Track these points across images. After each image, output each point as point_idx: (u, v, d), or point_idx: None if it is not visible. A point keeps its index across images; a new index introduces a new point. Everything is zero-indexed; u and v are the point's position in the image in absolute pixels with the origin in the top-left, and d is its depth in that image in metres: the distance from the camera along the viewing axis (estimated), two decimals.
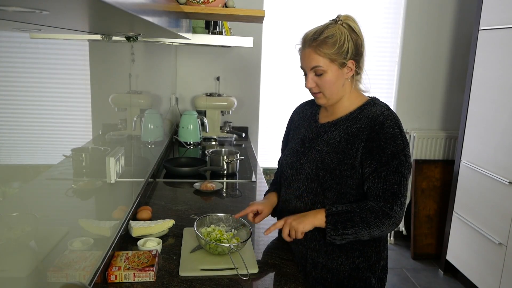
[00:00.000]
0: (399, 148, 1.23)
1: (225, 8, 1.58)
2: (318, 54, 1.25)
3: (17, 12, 0.48)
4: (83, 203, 1.14)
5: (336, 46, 1.24)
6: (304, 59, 1.30)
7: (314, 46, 1.26)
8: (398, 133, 1.25)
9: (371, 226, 1.21)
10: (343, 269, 1.33)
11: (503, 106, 2.45)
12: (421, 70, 3.40)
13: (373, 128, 1.25)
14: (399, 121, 1.29)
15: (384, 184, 1.22)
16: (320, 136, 1.35)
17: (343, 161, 1.27)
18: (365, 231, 1.22)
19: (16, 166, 0.78)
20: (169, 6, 1.09)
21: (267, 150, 3.46)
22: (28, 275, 0.82)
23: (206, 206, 1.83)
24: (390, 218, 1.21)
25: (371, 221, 1.21)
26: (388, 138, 1.23)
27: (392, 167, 1.22)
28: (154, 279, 1.21)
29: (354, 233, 1.22)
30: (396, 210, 1.22)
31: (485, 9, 2.62)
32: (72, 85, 1.02)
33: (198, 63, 3.24)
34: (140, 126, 1.85)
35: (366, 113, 1.30)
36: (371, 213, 1.22)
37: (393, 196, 1.22)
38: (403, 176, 1.23)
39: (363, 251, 1.33)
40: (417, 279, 3.02)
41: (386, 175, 1.22)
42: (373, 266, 1.35)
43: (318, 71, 1.27)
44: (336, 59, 1.25)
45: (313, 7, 3.20)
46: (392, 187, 1.22)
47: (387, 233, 1.28)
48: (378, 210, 1.22)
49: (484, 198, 2.60)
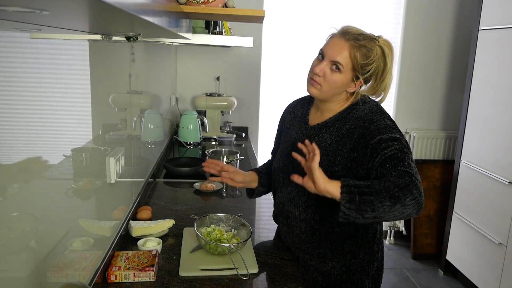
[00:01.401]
0: (397, 135, 1.19)
1: (225, 8, 1.58)
2: (350, 54, 1.20)
3: (17, 12, 0.48)
4: (83, 203, 1.14)
5: (366, 60, 1.20)
6: (334, 48, 1.22)
7: (352, 44, 1.20)
8: (391, 123, 1.22)
9: (391, 197, 1.05)
10: (334, 272, 1.32)
11: (503, 106, 2.45)
12: (421, 70, 3.40)
13: (363, 125, 1.22)
14: (389, 115, 1.27)
15: (391, 164, 1.13)
16: (311, 139, 1.32)
17: (334, 162, 1.24)
18: (386, 201, 1.05)
19: (16, 166, 0.78)
20: (169, 6, 1.09)
21: (267, 150, 3.46)
22: (28, 275, 0.82)
23: (206, 206, 1.83)
24: (412, 191, 1.07)
25: (391, 191, 1.06)
26: (382, 128, 1.20)
27: (395, 148, 1.15)
28: (154, 279, 1.21)
29: (372, 207, 1.05)
30: (418, 177, 1.11)
31: (485, 9, 2.62)
32: (72, 85, 1.02)
33: (198, 63, 3.24)
34: (140, 126, 1.85)
35: (355, 113, 1.27)
36: (391, 183, 1.08)
37: (407, 168, 1.12)
38: (409, 151, 1.17)
39: (355, 253, 1.31)
40: (417, 279, 3.02)
41: (392, 155, 1.14)
42: (366, 268, 1.33)
43: (338, 67, 1.21)
44: (357, 70, 1.21)
45: (313, 7, 3.20)
46: (403, 164, 1.13)
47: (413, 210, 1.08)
48: (399, 182, 1.08)
49: (484, 198, 2.60)
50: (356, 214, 1.07)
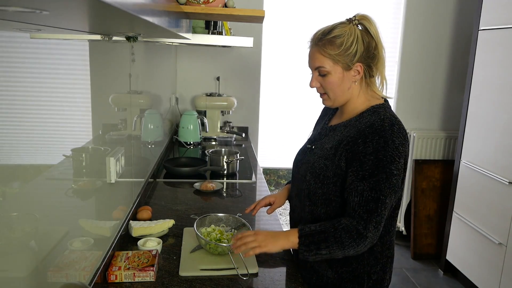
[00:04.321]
0: (380, 164, 1.14)
1: (225, 8, 1.58)
2: (322, 54, 1.22)
3: (17, 12, 0.48)
4: (83, 203, 1.14)
5: (342, 47, 1.19)
6: (310, 58, 1.28)
7: (320, 45, 1.23)
8: (382, 147, 1.15)
9: (345, 247, 1.15)
10: (327, 275, 1.28)
11: (503, 106, 2.45)
12: (421, 70, 3.40)
13: (356, 141, 1.18)
14: (391, 134, 1.17)
15: (360, 199, 1.15)
16: (321, 139, 1.34)
17: (328, 167, 1.23)
18: (339, 251, 1.16)
19: (16, 166, 0.78)
20: (169, 6, 1.09)
21: (267, 150, 3.46)
22: (28, 275, 0.82)
23: (206, 206, 1.83)
24: (365, 239, 1.14)
25: (346, 241, 1.15)
26: (368, 153, 1.15)
27: (369, 184, 1.14)
28: (154, 279, 1.21)
29: (328, 253, 1.17)
30: (370, 229, 1.14)
31: (485, 9, 2.62)
32: (72, 85, 1.02)
33: (198, 63, 3.24)
34: (140, 126, 1.85)
35: (360, 123, 1.24)
36: (345, 233, 1.15)
37: (368, 213, 1.14)
38: (382, 195, 1.14)
39: (347, 262, 1.26)
40: (417, 279, 3.02)
41: (363, 190, 1.14)
42: (359, 279, 1.27)
43: (322, 71, 1.24)
44: (341, 60, 1.21)
45: (313, 7, 3.20)
46: (368, 205, 1.14)
47: (362, 251, 1.19)
48: (352, 230, 1.14)
49: (484, 198, 2.60)
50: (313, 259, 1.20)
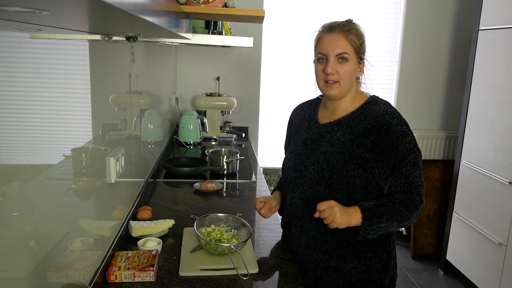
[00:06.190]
0: (412, 143, 1.26)
1: (225, 8, 1.58)
2: (348, 40, 1.26)
3: (17, 12, 0.48)
4: (83, 203, 1.14)
5: (361, 39, 1.28)
6: (331, 44, 1.26)
7: (345, 31, 1.26)
8: (407, 129, 1.27)
9: (403, 218, 1.23)
10: (355, 272, 1.31)
11: (503, 106, 2.45)
12: (421, 70, 3.40)
13: (381, 128, 1.26)
14: (403, 117, 1.31)
15: (407, 179, 1.25)
16: (323, 137, 1.33)
17: (349, 161, 1.26)
18: (396, 222, 1.23)
19: (16, 166, 0.78)
20: (169, 6, 1.09)
21: (267, 150, 3.46)
22: (28, 275, 0.82)
23: (206, 206, 1.83)
24: (418, 209, 1.26)
25: (403, 213, 1.23)
26: (399, 135, 1.25)
27: (410, 162, 1.25)
28: (154, 279, 1.21)
29: (386, 226, 1.22)
30: (423, 200, 1.27)
31: (485, 9, 2.62)
32: (72, 85, 1.02)
33: (198, 63, 3.24)
34: (140, 126, 1.85)
35: (370, 112, 1.30)
36: (403, 206, 1.24)
37: (417, 188, 1.26)
38: (420, 169, 1.28)
39: (375, 252, 1.31)
40: (417, 279, 3.02)
41: (407, 170, 1.25)
42: (385, 267, 1.34)
43: (345, 57, 1.26)
44: (359, 52, 1.29)
45: (313, 7, 3.20)
46: (415, 181, 1.25)
47: (414, 222, 1.31)
48: (409, 203, 1.24)
49: (484, 198, 2.60)
50: (372, 235, 1.24)
